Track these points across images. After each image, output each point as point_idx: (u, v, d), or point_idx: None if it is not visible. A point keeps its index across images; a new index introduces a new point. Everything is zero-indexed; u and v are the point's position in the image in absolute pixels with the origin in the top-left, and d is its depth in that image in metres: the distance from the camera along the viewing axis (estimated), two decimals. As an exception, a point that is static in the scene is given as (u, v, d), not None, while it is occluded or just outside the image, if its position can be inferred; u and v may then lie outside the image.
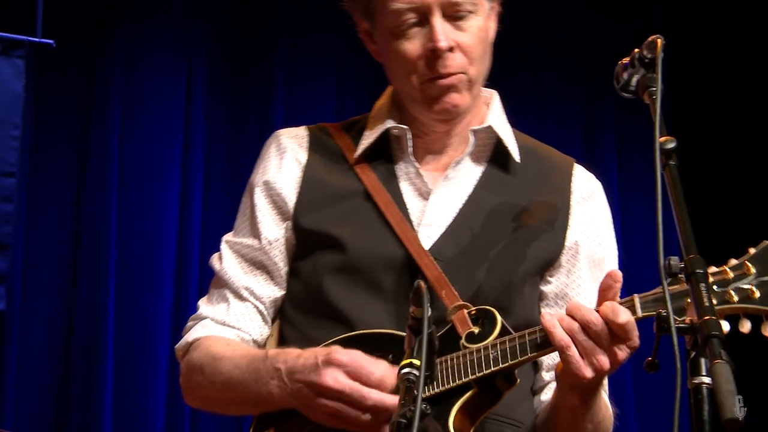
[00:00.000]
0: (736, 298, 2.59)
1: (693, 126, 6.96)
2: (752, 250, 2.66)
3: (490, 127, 3.01)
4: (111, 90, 6.29)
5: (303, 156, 3.05)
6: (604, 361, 2.56)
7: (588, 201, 3.06)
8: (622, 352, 2.57)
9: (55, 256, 6.22)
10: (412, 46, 2.87)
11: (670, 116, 7.08)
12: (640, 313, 2.59)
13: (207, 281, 5.99)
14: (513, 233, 2.94)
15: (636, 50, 2.60)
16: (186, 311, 6.16)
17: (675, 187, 2.35)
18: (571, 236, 2.99)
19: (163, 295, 6.27)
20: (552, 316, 2.59)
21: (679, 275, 2.23)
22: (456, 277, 2.85)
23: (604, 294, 2.62)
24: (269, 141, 3.13)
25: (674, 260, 2.22)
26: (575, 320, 2.56)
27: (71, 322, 6.16)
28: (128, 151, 6.30)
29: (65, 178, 6.29)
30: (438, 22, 2.84)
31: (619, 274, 2.63)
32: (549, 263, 2.97)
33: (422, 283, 2.31)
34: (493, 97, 3.09)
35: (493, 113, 3.05)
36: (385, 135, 3.00)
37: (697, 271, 2.19)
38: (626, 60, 2.65)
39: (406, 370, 2.28)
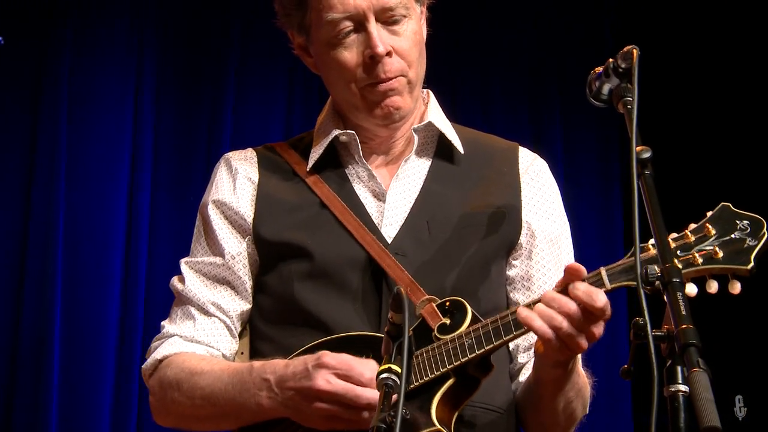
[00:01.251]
0: (700, 261, 2.63)
1: (646, 123, 7.08)
2: (709, 213, 2.71)
3: (430, 123, 3.07)
4: (59, 88, 6.20)
5: (255, 175, 3.10)
6: (584, 342, 2.62)
7: (536, 180, 3.12)
8: (599, 329, 2.63)
9: (1, 255, 6.12)
10: (350, 54, 2.94)
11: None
12: (608, 285, 2.64)
13: (154, 281, 5.98)
14: (468, 220, 2.99)
15: (610, 60, 2.62)
16: (133, 312, 6.20)
17: (650, 195, 2.37)
18: (526, 215, 3.05)
19: (111, 294, 6.19)
20: (529, 311, 2.62)
21: (656, 284, 2.24)
22: (419, 271, 2.90)
23: (569, 277, 2.66)
24: (219, 164, 3.19)
25: (651, 269, 2.24)
26: (553, 310, 2.60)
27: (18, 323, 6.05)
28: (76, 150, 6.21)
29: (12, 176, 6.19)
30: (374, 28, 2.90)
31: (581, 269, 2.66)
32: (510, 245, 3.03)
33: (402, 290, 2.33)
34: (430, 96, 3.16)
35: (431, 110, 3.12)
36: (332, 145, 3.06)
37: (674, 280, 2.21)
38: (599, 69, 2.67)
39: (384, 375, 2.29)
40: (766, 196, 2.84)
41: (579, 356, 2.84)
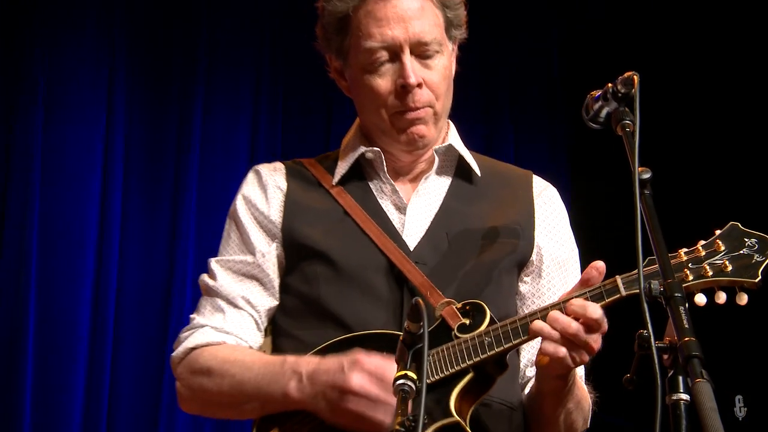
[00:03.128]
0: (710, 272, 2.74)
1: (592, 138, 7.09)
2: (718, 231, 2.83)
3: (451, 146, 3.18)
4: (34, 95, 6.14)
5: (283, 184, 3.20)
6: (585, 355, 2.72)
7: (548, 204, 3.23)
8: (597, 343, 2.73)
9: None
10: (383, 81, 3.04)
11: (572, 128, 7.20)
12: (623, 293, 2.74)
13: (125, 278, 5.96)
14: (485, 234, 3.10)
15: (609, 84, 2.68)
16: (105, 306, 6.19)
17: (651, 214, 2.45)
18: (538, 236, 3.16)
19: (83, 290, 6.17)
20: (542, 324, 2.73)
21: (658, 298, 2.31)
22: (438, 278, 2.99)
23: (585, 283, 2.78)
24: (250, 175, 3.28)
25: (654, 284, 2.31)
26: (557, 330, 2.69)
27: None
28: (51, 153, 6.17)
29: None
30: (408, 60, 3.01)
31: (602, 265, 2.79)
32: (523, 261, 3.14)
33: (420, 301, 2.37)
34: (450, 125, 3.26)
35: (452, 136, 3.23)
36: (358, 161, 3.17)
37: (676, 294, 2.28)
38: (597, 92, 2.72)
39: (400, 381, 2.33)
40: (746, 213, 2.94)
41: (580, 369, 2.98)
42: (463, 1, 3.15)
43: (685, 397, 2.15)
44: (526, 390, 3.10)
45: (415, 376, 2.34)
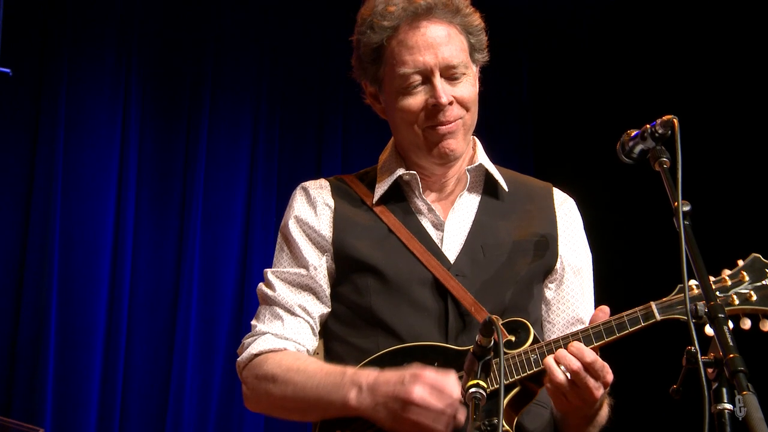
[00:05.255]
0: (737, 301, 2.83)
1: (552, 157, 7.27)
2: (741, 262, 2.90)
3: (481, 165, 3.24)
4: (57, 116, 6.34)
5: (330, 201, 3.24)
6: (588, 394, 2.78)
7: (569, 215, 3.29)
8: (598, 391, 2.79)
9: (3, 260, 6.28)
10: (416, 101, 3.09)
11: (531, 149, 7.33)
12: (658, 317, 2.83)
13: (137, 283, 6.14)
14: (516, 246, 3.16)
15: (647, 125, 2.74)
16: (119, 309, 6.37)
17: (691, 242, 2.49)
18: (561, 247, 3.22)
19: (99, 294, 6.37)
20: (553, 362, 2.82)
21: (703, 318, 2.40)
22: (478, 290, 3.06)
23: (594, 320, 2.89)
24: (298, 192, 3.32)
25: (700, 305, 2.41)
26: (563, 365, 2.79)
27: (17, 321, 6.22)
28: (71, 169, 6.39)
29: (14, 190, 6.34)
30: (439, 82, 3.07)
31: (607, 308, 2.88)
32: (548, 269, 3.20)
33: (494, 318, 2.45)
34: (477, 142, 3.32)
35: (480, 153, 3.29)
36: (396, 182, 3.22)
37: (719, 315, 2.35)
38: (634, 131, 2.78)
39: (473, 390, 2.40)
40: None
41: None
42: (483, 28, 3.19)
43: (729, 406, 2.22)
44: None
45: (485, 385, 2.40)
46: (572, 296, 3.22)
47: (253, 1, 6.93)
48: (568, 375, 2.76)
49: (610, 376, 2.80)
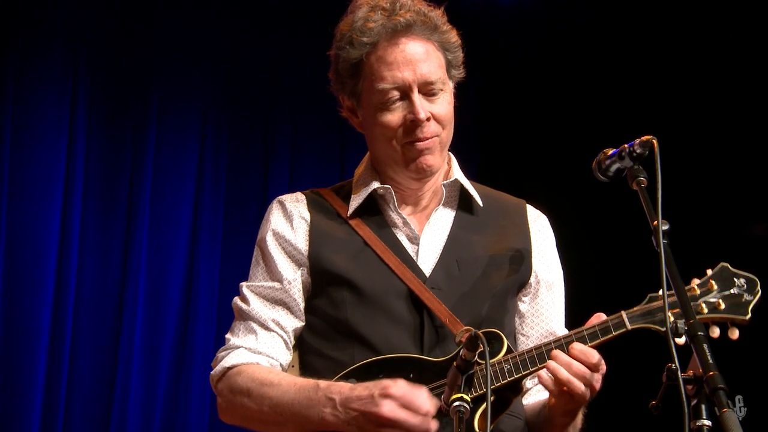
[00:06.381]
0: (706, 310, 2.88)
1: (498, 161, 7.27)
2: (710, 271, 2.95)
3: (456, 180, 3.28)
4: (3, 119, 6.21)
5: (306, 214, 3.26)
6: (587, 392, 2.90)
7: (541, 231, 3.34)
8: (597, 383, 2.91)
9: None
10: (394, 116, 3.11)
11: (479, 154, 7.34)
12: (629, 326, 2.91)
13: (82, 288, 6.04)
14: (490, 260, 3.19)
15: (626, 145, 2.78)
16: (63, 313, 6.26)
17: (669, 261, 2.54)
18: (534, 262, 3.26)
19: (44, 299, 6.24)
20: (557, 365, 2.90)
21: (683, 336, 2.43)
22: (453, 303, 3.08)
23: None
24: (274, 205, 3.33)
25: (680, 323, 2.45)
26: (564, 368, 2.89)
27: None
28: (17, 172, 6.26)
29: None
30: (417, 98, 3.10)
31: (604, 315, 2.97)
32: (522, 283, 3.25)
33: (479, 333, 2.53)
34: (452, 157, 3.34)
35: (455, 169, 3.31)
36: (371, 195, 3.24)
37: (699, 333, 2.38)
38: (612, 150, 2.82)
39: (457, 403, 2.48)
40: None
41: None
42: (460, 45, 3.21)
43: (708, 423, 2.27)
44: (524, 400, 3.20)
45: (468, 398, 2.49)
46: (546, 310, 3.26)
47: (202, 9, 6.90)
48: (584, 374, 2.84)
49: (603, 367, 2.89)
